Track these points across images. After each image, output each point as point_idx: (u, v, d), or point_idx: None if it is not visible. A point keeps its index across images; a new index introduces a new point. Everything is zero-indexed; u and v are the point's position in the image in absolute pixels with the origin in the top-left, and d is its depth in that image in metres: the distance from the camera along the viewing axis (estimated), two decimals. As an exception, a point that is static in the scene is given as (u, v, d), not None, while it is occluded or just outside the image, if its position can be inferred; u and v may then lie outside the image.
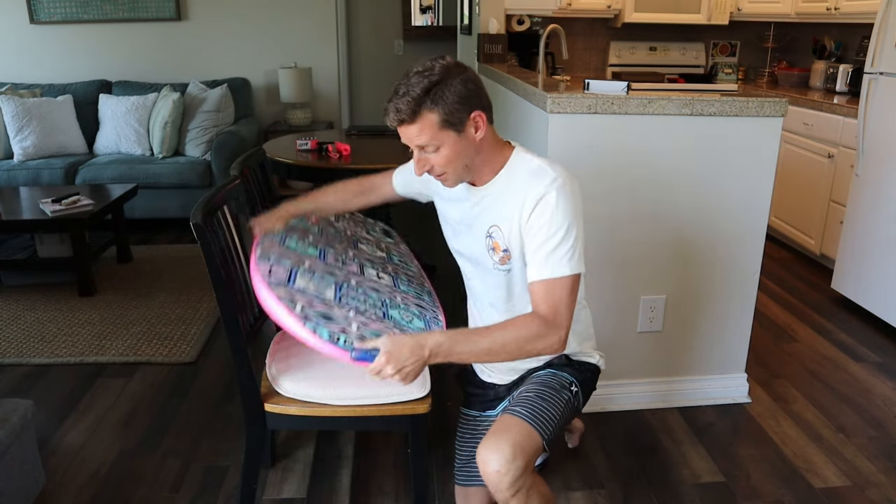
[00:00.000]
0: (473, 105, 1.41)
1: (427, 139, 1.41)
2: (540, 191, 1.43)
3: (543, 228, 1.43)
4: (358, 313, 1.49)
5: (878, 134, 3.09)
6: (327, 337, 1.34)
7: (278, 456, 2.21)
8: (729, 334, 2.49)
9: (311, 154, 3.23)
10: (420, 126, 1.40)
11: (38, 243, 3.46)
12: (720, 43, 5.14)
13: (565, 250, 1.42)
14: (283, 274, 1.51)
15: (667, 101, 2.18)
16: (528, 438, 1.44)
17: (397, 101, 1.39)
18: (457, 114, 1.39)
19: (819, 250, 3.83)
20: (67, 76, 4.98)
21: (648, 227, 2.31)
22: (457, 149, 1.43)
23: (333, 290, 1.55)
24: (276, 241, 1.68)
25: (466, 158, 1.45)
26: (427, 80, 1.37)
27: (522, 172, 1.49)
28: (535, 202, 1.43)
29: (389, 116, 1.42)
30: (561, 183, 1.44)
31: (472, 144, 1.44)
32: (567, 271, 1.42)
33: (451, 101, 1.38)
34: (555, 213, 1.42)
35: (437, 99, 1.37)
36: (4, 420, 1.86)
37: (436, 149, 1.43)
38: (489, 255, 1.56)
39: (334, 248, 1.83)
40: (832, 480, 2.12)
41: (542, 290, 1.43)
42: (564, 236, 1.42)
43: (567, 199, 1.43)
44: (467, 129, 1.42)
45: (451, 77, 1.38)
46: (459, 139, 1.42)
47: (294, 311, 1.37)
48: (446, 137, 1.41)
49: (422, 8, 5.50)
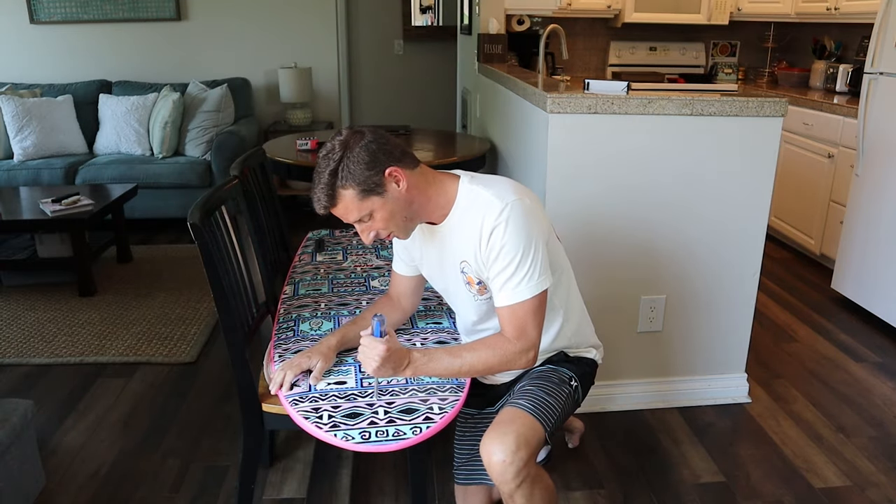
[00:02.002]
0: (382, 164, 1.42)
1: (356, 213, 1.44)
2: (490, 224, 1.45)
3: (499, 259, 1.46)
4: (380, 392, 1.53)
5: (878, 134, 3.09)
6: (360, 439, 1.39)
7: (278, 456, 2.21)
8: (729, 334, 2.49)
9: (311, 154, 3.23)
10: (343, 206, 1.44)
11: (38, 243, 3.46)
12: (720, 43, 5.14)
13: (522, 275, 1.45)
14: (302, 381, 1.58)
15: (667, 101, 2.18)
16: (531, 430, 1.47)
17: (316, 192, 1.44)
18: (370, 180, 1.41)
19: (819, 250, 3.83)
20: (67, 76, 4.98)
21: (648, 227, 2.31)
22: (388, 209, 1.45)
23: (353, 374, 1.60)
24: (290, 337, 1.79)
25: (402, 212, 1.48)
26: (331, 162, 1.41)
27: (473, 206, 1.50)
28: (489, 236, 1.46)
29: (316, 207, 1.46)
30: (509, 211, 1.44)
31: (401, 198, 1.46)
32: (527, 294, 1.46)
33: (359, 172, 1.40)
34: (507, 241, 1.44)
35: (345, 176, 1.40)
36: (4, 420, 1.86)
37: (369, 216, 1.46)
38: (467, 289, 1.59)
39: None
40: (832, 480, 2.12)
41: (507, 315, 1.48)
42: (521, 261, 1.44)
43: (517, 224, 1.44)
44: (388, 187, 1.44)
45: (351, 149, 1.41)
46: (385, 200, 1.44)
47: (322, 426, 1.42)
48: (372, 204, 1.44)
49: (422, 8, 5.50)
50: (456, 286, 1.62)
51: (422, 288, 1.82)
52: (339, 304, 1.98)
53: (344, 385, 1.56)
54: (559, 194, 2.24)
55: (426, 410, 1.45)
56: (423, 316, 1.90)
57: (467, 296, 1.61)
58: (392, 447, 1.37)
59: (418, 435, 1.38)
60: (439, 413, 1.44)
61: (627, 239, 2.31)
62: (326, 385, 1.56)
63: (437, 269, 1.66)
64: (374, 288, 2.09)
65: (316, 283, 2.14)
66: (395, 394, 1.51)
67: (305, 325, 1.84)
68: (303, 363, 1.59)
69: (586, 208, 2.27)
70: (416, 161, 1.51)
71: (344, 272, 2.23)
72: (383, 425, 1.41)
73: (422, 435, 1.38)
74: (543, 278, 1.47)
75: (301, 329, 1.82)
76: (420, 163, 1.52)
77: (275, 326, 1.87)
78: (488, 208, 1.46)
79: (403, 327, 1.82)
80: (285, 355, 1.68)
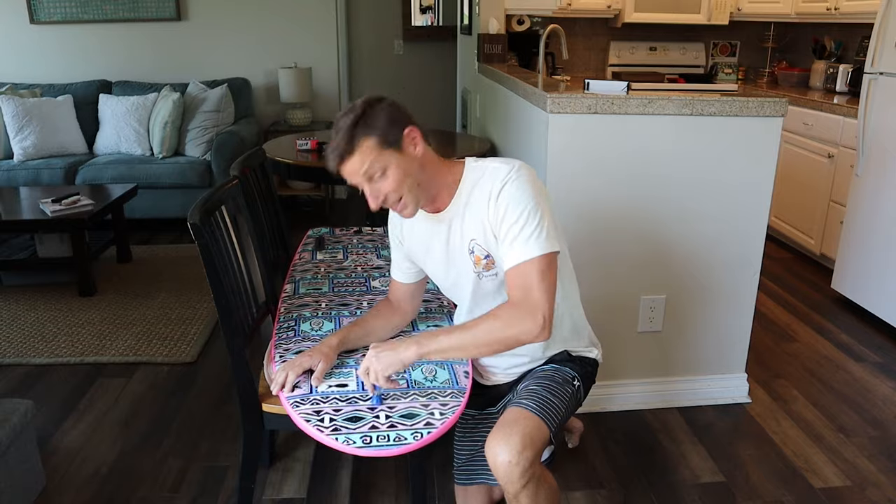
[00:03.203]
0: (404, 123, 1.46)
1: (370, 163, 1.44)
2: (497, 186, 1.47)
3: (507, 214, 1.45)
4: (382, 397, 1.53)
5: (878, 134, 3.09)
6: (361, 443, 1.38)
7: (278, 456, 2.22)
8: (729, 334, 2.49)
9: (311, 154, 3.23)
10: (360, 155, 1.43)
11: (38, 243, 3.46)
12: (720, 43, 5.14)
13: (530, 231, 1.43)
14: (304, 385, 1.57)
15: (667, 101, 2.18)
16: (536, 430, 1.46)
17: (335, 141, 1.44)
18: (391, 133, 1.44)
19: (819, 250, 3.83)
20: (67, 76, 4.98)
21: (648, 227, 2.31)
22: (402, 167, 1.45)
23: (355, 377, 1.60)
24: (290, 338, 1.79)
25: (415, 176, 1.48)
26: (353, 114, 1.43)
27: (480, 179, 1.52)
28: (497, 194, 1.47)
29: (330, 158, 1.45)
30: (515, 173, 1.47)
31: (416, 161, 1.48)
32: (536, 251, 1.42)
33: (381, 123, 1.43)
34: (515, 197, 1.45)
35: (368, 124, 1.42)
36: (4, 420, 1.86)
37: (382, 172, 1.45)
38: (472, 269, 1.58)
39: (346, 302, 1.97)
40: (832, 480, 2.12)
41: (514, 276, 1.44)
42: (528, 218, 1.43)
43: (524, 184, 1.46)
44: (405, 146, 1.46)
45: (374, 106, 1.44)
46: (401, 157, 1.45)
47: (324, 430, 1.42)
48: (389, 157, 1.44)
49: (422, 8, 5.50)
50: (463, 274, 1.60)
51: (422, 292, 1.82)
52: (340, 304, 1.98)
53: (345, 388, 1.56)
54: (559, 194, 2.24)
55: (427, 415, 1.45)
56: (424, 318, 1.90)
57: (471, 277, 1.58)
58: (393, 452, 1.37)
59: (419, 440, 1.38)
60: (440, 418, 1.44)
61: (627, 239, 2.31)
62: (328, 387, 1.56)
63: (443, 263, 1.64)
64: (374, 288, 2.09)
65: (316, 283, 2.14)
66: (397, 398, 1.51)
67: (306, 325, 1.84)
68: (304, 363, 1.59)
69: (586, 208, 2.27)
70: (428, 141, 1.53)
71: (345, 271, 2.23)
72: (384, 430, 1.40)
73: (423, 440, 1.38)
74: (552, 240, 1.44)
75: (302, 329, 1.82)
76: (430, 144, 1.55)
77: (275, 326, 1.87)
78: (496, 173, 1.49)
79: (405, 330, 1.83)
80: (286, 355, 1.68)
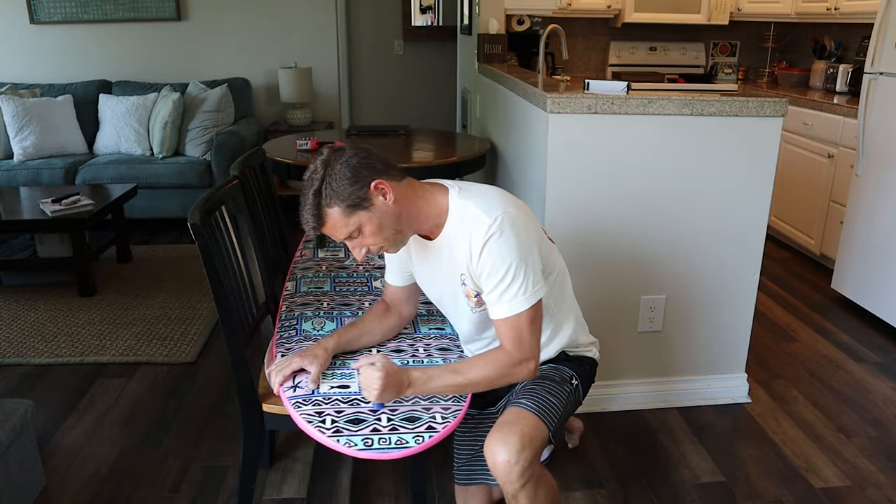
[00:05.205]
0: (366, 178, 1.42)
1: (344, 231, 1.44)
2: (479, 241, 1.45)
3: (491, 275, 1.45)
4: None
5: (878, 134, 3.09)
6: (363, 446, 1.38)
7: (278, 456, 2.21)
8: (729, 334, 2.49)
9: (311, 154, 3.23)
10: (331, 224, 1.43)
11: (38, 243, 3.46)
12: (720, 43, 5.14)
13: (516, 289, 1.45)
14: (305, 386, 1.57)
15: (667, 101, 2.18)
16: (535, 430, 1.47)
17: (303, 215, 1.44)
18: (354, 195, 1.41)
19: (819, 250, 3.83)
20: (67, 76, 4.98)
21: (648, 227, 2.31)
22: (375, 223, 1.44)
23: (357, 378, 1.59)
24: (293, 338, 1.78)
25: (392, 225, 1.47)
26: (314, 182, 1.41)
27: (463, 221, 1.49)
28: (479, 252, 1.45)
29: (305, 229, 1.46)
30: (497, 226, 1.44)
31: (389, 211, 1.45)
32: (523, 306, 1.45)
33: (342, 188, 1.40)
34: (497, 257, 1.44)
35: (329, 195, 1.40)
36: (4, 420, 1.86)
37: (358, 231, 1.45)
38: (465, 301, 1.59)
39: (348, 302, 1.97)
40: (832, 480, 2.12)
41: (505, 328, 1.48)
42: (514, 275, 1.44)
43: (507, 239, 1.44)
44: (375, 201, 1.43)
45: (332, 167, 1.41)
46: (372, 214, 1.43)
47: (325, 431, 1.42)
48: (359, 219, 1.43)
49: (422, 8, 5.50)
50: (454, 298, 1.62)
51: (417, 295, 1.81)
52: (342, 303, 1.98)
53: (347, 389, 1.56)
54: (559, 194, 2.24)
55: (429, 419, 1.45)
56: (426, 321, 1.89)
57: (465, 308, 1.61)
58: (394, 455, 1.37)
59: (421, 444, 1.38)
60: (442, 422, 1.44)
61: (627, 239, 2.31)
62: (330, 388, 1.56)
63: (428, 281, 1.67)
64: (376, 289, 2.09)
65: (318, 281, 2.14)
66: (399, 401, 1.51)
67: (308, 325, 1.84)
68: (294, 363, 1.59)
69: (586, 208, 2.27)
70: (402, 174, 1.50)
71: (346, 270, 2.23)
72: (386, 433, 1.41)
73: (424, 444, 1.38)
74: (538, 288, 1.47)
75: (303, 328, 1.82)
76: (406, 176, 1.51)
77: (276, 325, 1.87)
78: (476, 224, 1.46)
79: (406, 332, 1.82)
80: (287, 355, 1.68)
